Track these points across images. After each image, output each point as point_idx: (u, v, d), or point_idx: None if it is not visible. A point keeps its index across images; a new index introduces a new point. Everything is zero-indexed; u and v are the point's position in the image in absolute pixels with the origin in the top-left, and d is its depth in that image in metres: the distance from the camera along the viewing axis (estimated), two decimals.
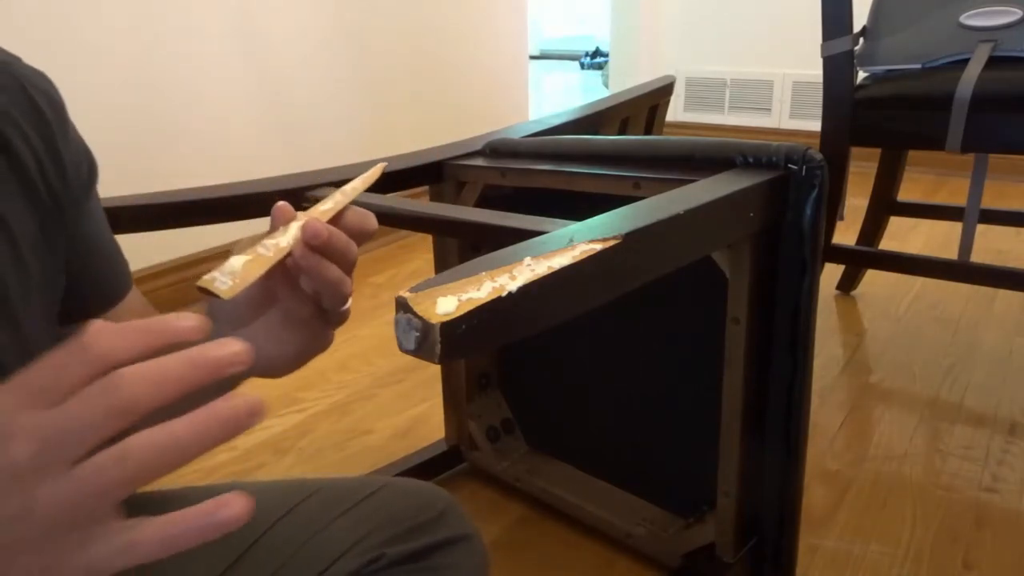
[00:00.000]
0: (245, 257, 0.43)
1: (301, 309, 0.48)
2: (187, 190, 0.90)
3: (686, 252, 0.71)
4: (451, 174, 1.06)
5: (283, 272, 0.46)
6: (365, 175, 0.55)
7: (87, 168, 0.56)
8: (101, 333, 0.30)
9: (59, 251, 0.51)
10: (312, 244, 0.45)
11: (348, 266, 0.48)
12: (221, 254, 1.99)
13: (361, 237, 0.49)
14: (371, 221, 0.51)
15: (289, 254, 0.45)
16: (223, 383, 0.31)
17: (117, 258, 0.60)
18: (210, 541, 0.31)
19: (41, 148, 0.50)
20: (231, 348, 0.31)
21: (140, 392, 0.29)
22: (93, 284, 0.56)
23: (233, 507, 0.29)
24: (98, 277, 0.57)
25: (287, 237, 0.45)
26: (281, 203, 0.47)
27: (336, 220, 0.48)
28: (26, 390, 0.29)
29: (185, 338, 0.31)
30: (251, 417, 0.30)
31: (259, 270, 0.43)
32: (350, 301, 0.51)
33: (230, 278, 0.42)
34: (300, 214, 0.47)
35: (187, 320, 0.31)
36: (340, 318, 0.51)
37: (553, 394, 1.21)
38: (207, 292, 0.41)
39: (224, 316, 0.50)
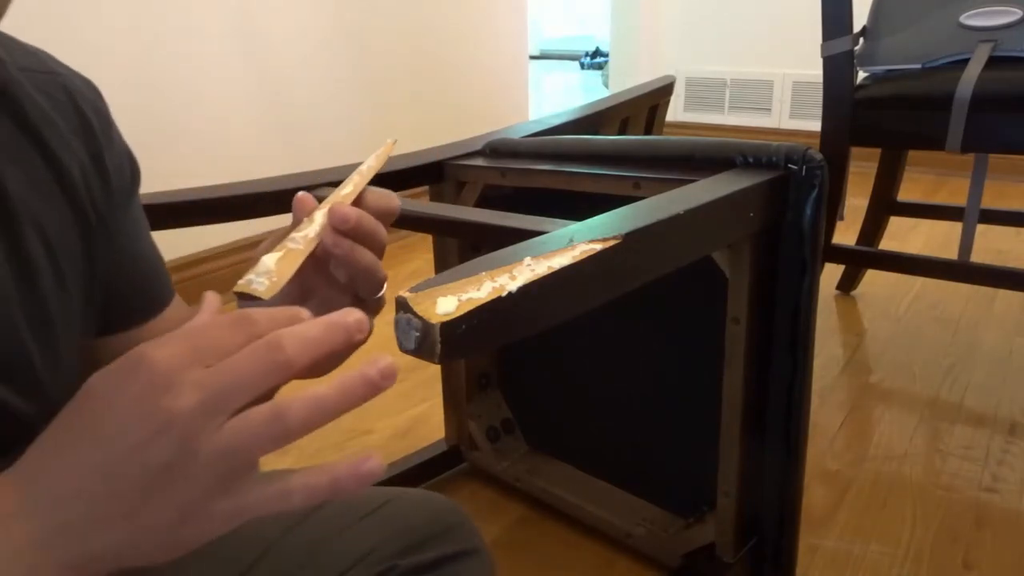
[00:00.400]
0: (276, 254, 0.43)
1: (339, 300, 0.48)
2: (187, 190, 0.90)
3: (686, 252, 0.71)
4: (451, 174, 1.06)
5: (315, 264, 0.46)
6: (378, 152, 0.54)
7: (130, 174, 0.55)
8: (247, 313, 0.34)
9: (101, 265, 0.51)
10: (341, 229, 0.45)
11: (379, 249, 0.47)
12: (221, 254, 1.99)
13: (387, 217, 0.49)
14: (394, 200, 0.51)
15: (319, 243, 0.45)
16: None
17: (159, 267, 0.59)
18: (219, 551, 0.32)
19: (88, 162, 0.50)
20: (356, 315, 0.35)
21: (294, 352, 0.32)
22: (136, 294, 0.56)
23: (372, 462, 0.33)
24: (142, 286, 0.56)
25: (314, 227, 0.45)
26: (302, 194, 0.47)
27: (358, 204, 0.48)
28: (187, 346, 0.32)
29: (298, 316, 0.35)
30: (385, 380, 0.34)
31: (293, 265, 0.43)
32: (385, 287, 0.51)
33: (266, 278, 0.42)
34: (323, 202, 0.47)
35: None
36: (377, 306, 0.50)
37: (553, 394, 1.21)
38: (246, 296, 0.41)
39: None
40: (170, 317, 0.58)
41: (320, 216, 0.45)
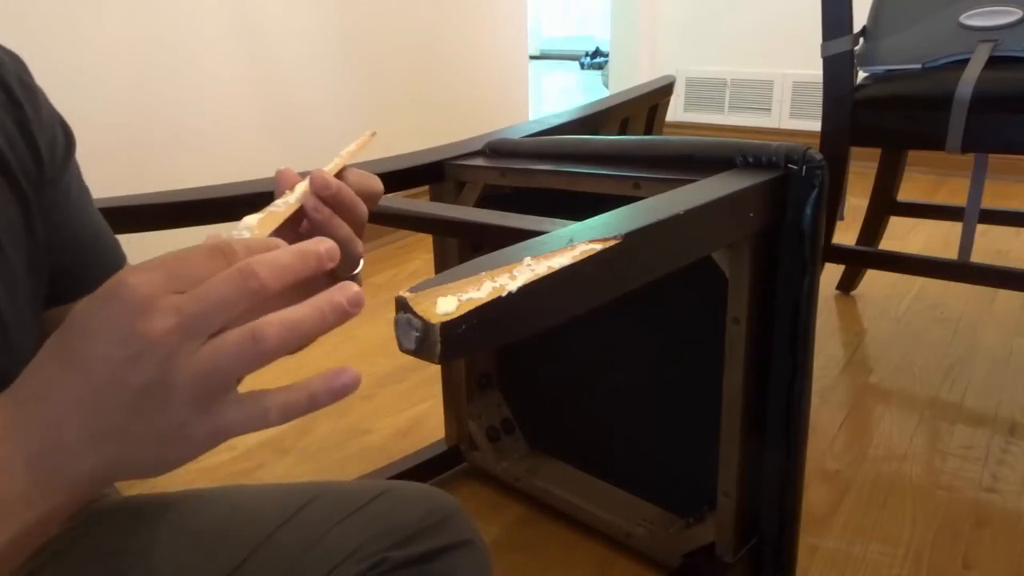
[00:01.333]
0: (258, 215, 0.45)
1: (315, 277, 0.49)
2: (187, 190, 0.90)
3: (686, 252, 0.71)
4: (451, 174, 1.06)
5: (294, 235, 0.48)
6: (358, 140, 0.56)
7: (63, 143, 0.55)
8: (226, 241, 0.35)
9: (40, 236, 0.52)
10: (322, 195, 0.47)
11: (358, 224, 0.49)
12: None
13: (369, 197, 0.51)
14: (375, 181, 0.52)
15: (300, 209, 0.47)
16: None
17: (103, 233, 0.60)
18: (211, 546, 0.33)
19: (15, 133, 0.50)
20: (327, 244, 0.36)
21: (267, 276, 0.33)
22: (82, 262, 0.57)
23: (347, 374, 0.34)
24: (86, 258, 0.57)
25: (295, 195, 0.47)
26: (284, 168, 0.49)
27: (340, 179, 0.50)
28: (164, 273, 0.33)
29: (275, 244, 0.36)
30: (353, 307, 0.34)
31: (273, 224, 0.44)
32: (361, 264, 0.52)
33: (247, 232, 0.43)
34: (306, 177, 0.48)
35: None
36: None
37: (553, 394, 1.21)
38: None
39: None
40: None
41: (302, 186, 0.47)
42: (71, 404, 0.33)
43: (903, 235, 2.25)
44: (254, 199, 0.90)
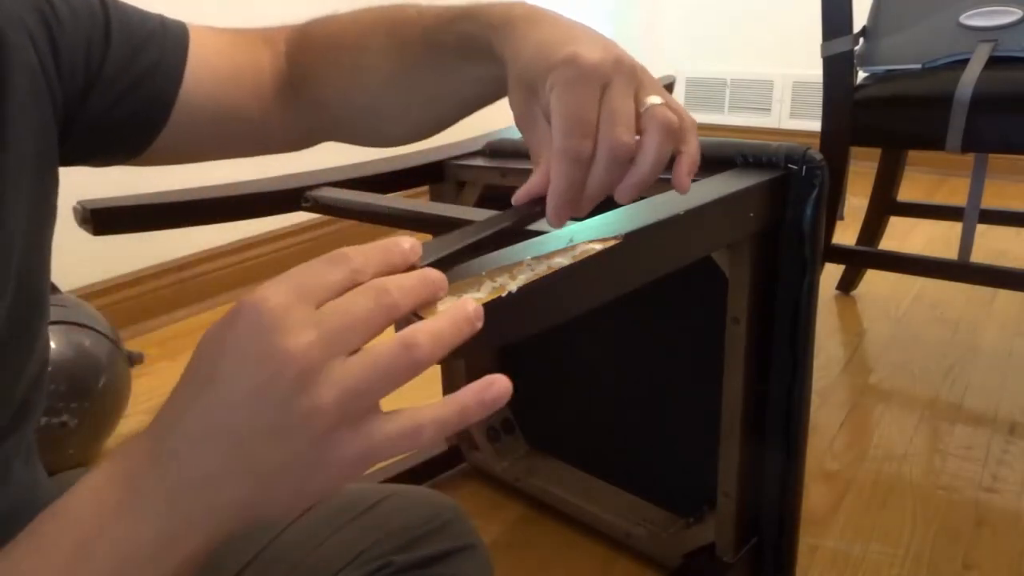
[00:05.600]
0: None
1: None
2: (187, 190, 0.90)
3: (686, 252, 0.71)
4: (451, 174, 1.06)
5: None
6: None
7: (83, 60, 0.50)
8: (354, 251, 0.34)
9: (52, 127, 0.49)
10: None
11: None
12: (221, 254, 1.99)
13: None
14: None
15: None
16: None
17: (157, 33, 0.55)
18: (214, 551, 0.32)
19: (48, 57, 0.47)
20: (438, 274, 0.35)
21: (399, 298, 0.32)
22: (164, 69, 0.54)
23: (497, 385, 0.33)
24: (161, 63, 0.54)
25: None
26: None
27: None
28: (292, 284, 0.31)
29: (409, 258, 0.36)
30: (479, 320, 0.34)
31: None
32: None
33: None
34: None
35: (406, 242, 0.36)
36: None
37: (553, 394, 1.21)
38: None
39: None
40: (201, 44, 0.57)
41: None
42: (209, 432, 0.31)
43: (903, 235, 2.25)
44: (255, 199, 0.90)
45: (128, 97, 0.52)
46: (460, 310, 0.34)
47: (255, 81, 0.60)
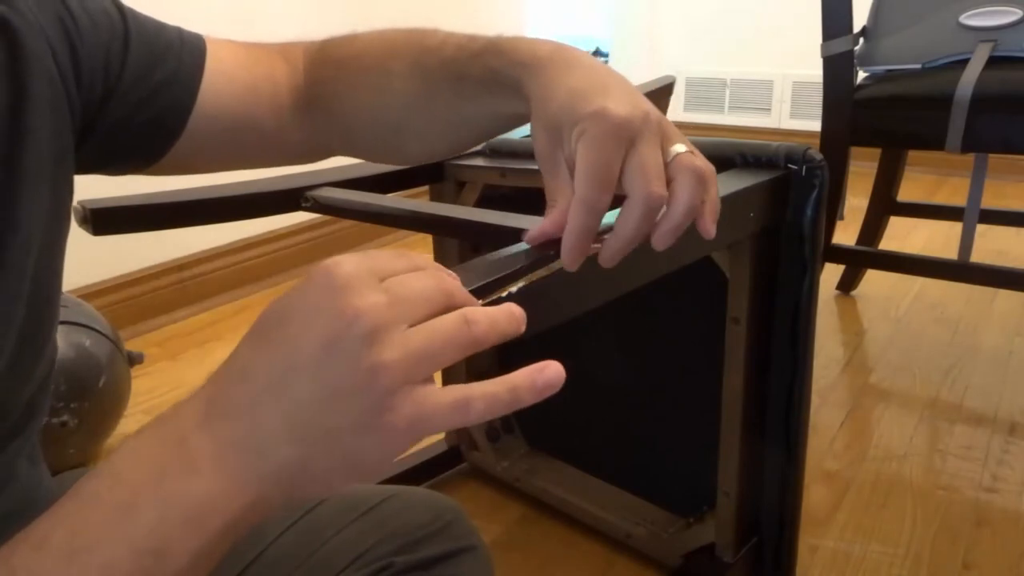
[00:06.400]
0: None
1: None
2: (187, 190, 0.90)
3: (686, 252, 0.71)
4: (451, 174, 1.06)
5: None
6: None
7: (120, 24, 0.52)
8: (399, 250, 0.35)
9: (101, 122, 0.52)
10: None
11: None
12: (221, 254, 1.99)
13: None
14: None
15: None
16: None
17: (171, 43, 0.56)
18: (252, 530, 0.32)
19: (68, 65, 0.48)
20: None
21: (457, 285, 0.34)
22: (182, 76, 0.56)
23: (551, 370, 0.34)
24: (178, 70, 0.56)
25: None
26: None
27: None
28: (362, 259, 0.33)
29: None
30: (523, 324, 0.35)
31: None
32: None
33: None
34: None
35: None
36: None
37: (553, 394, 1.21)
38: None
39: None
40: (218, 57, 0.58)
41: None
42: (269, 387, 0.31)
43: (903, 235, 2.25)
44: (255, 199, 0.90)
45: (145, 106, 0.53)
46: (512, 307, 0.35)
47: (271, 93, 0.61)
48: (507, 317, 0.34)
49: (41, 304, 0.46)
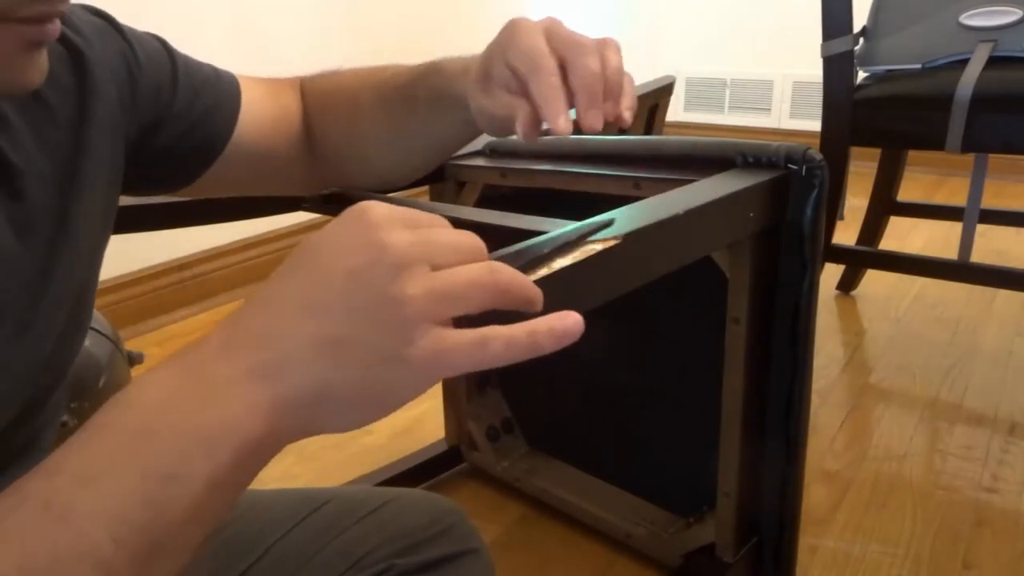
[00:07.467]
0: None
1: None
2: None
3: (686, 252, 0.71)
4: (451, 174, 1.06)
5: None
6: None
7: (168, 62, 0.58)
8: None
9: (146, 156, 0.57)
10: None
11: None
12: (221, 254, 1.99)
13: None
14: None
15: None
16: None
17: (213, 81, 0.63)
18: (218, 551, 0.32)
19: (127, 95, 0.54)
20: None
21: (480, 247, 0.36)
22: (218, 116, 0.62)
23: (571, 317, 0.34)
24: (213, 111, 0.61)
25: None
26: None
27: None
28: (392, 207, 0.34)
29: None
30: (539, 302, 0.36)
31: None
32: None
33: None
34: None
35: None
36: None
37: (553, 394, 1.21)
38: None
39: None
40: (251, 100, 0.65)
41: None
42: (293, 313, 0.32)
43: (903, 235, 2.25)
44: (255, 199, 0.90)
45: (189, 135, 0.59)
46: (529, 281, 0.36)
47: (288, 125, 0.68)
48: (528, 282, 0.35)
49: (80, 309, 0.49)
